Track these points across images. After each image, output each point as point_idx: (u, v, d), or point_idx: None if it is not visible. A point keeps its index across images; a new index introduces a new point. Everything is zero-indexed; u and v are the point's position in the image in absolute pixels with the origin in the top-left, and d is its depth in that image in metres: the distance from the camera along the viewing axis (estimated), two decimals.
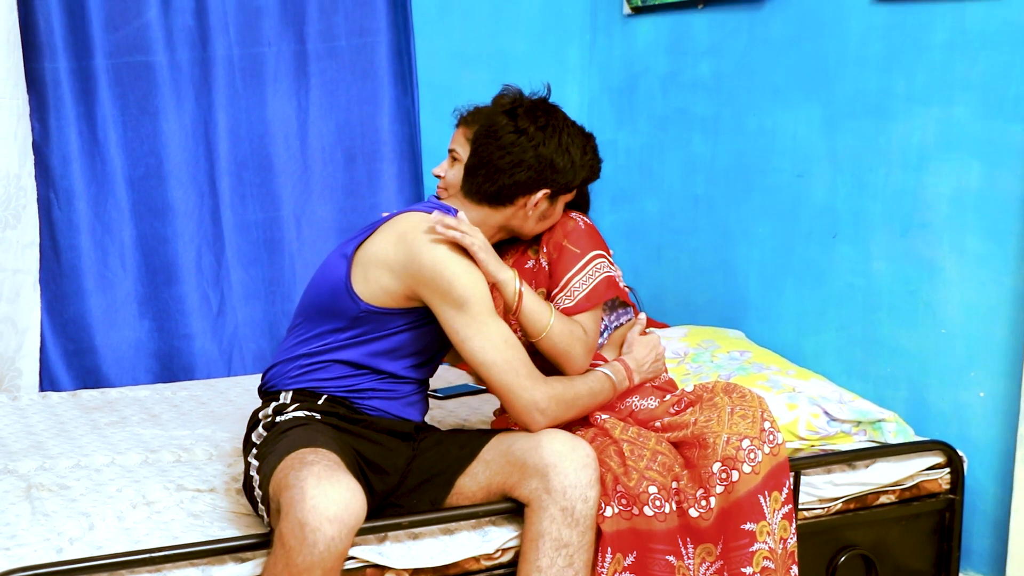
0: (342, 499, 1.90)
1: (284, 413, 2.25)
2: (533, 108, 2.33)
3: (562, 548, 2.15)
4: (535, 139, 2.29)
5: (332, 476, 1.94)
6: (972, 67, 2.71)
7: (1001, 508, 2.71)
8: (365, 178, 3.64)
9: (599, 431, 2.35)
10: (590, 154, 2.38)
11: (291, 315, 3.54)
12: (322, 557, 1.88)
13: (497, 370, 2.20)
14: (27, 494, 2.36)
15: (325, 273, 2.31)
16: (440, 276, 2.18)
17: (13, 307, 3.20)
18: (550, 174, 2.31)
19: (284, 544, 1.90)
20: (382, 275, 2.22)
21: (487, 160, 2.31)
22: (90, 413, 2.97)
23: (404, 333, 2.28)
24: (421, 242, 2.20)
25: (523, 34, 3.91)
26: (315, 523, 1.87)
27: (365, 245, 2.26)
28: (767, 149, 3.29)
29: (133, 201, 3.38)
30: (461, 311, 2.19)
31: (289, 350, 2.32)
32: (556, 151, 2.30)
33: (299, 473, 1.96)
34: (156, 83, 3.36)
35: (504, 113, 2.33)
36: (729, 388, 2.40)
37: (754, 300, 3.36)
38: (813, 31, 3.12)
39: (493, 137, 2.32)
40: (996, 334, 2.69)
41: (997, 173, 2.66)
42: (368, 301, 2.23)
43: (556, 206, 2.38)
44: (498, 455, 2.23)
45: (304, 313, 2.33)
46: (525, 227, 2.38)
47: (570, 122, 2.36)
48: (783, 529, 2.31)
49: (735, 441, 2.27)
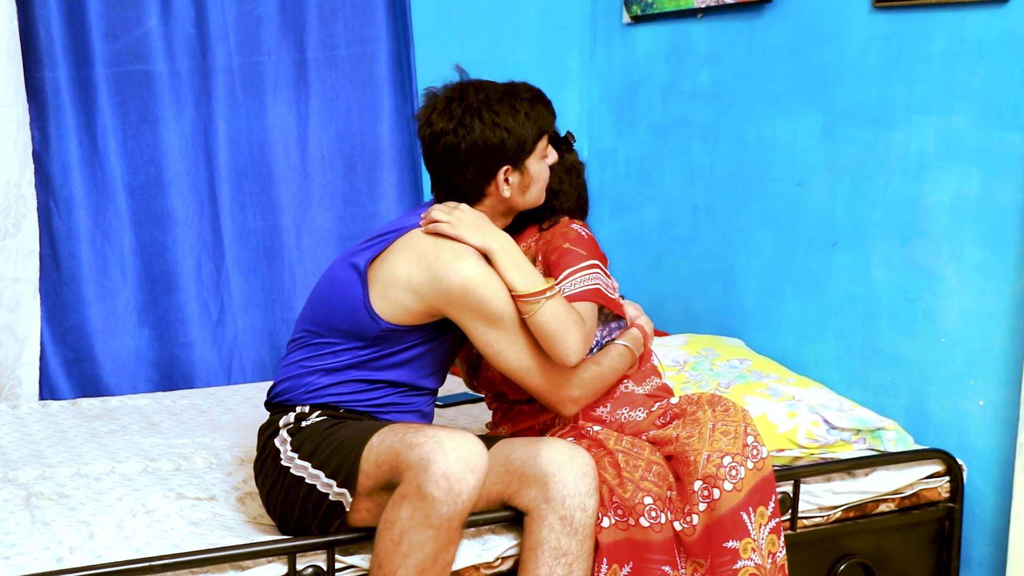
0: (477, 449, 2.03)
1: (307, 419, 2.25)
2: (446, 104, 2.29)
3: (561, 557, 2.15)
4: (458, 134, 2.26)
5: (458, 432, 2.05)
6: (971, 76, 2.71)
7: (1001, 516, 2.71)
8: (365, 186, 3.65)
9: (593, 442, 2.34)
10: (523, 108, 2.30)
11: (291, 323, 3.55)
12: (464, 507, 2.00)
13: (531, 375, 2.27)
14: (27, 503, 2.36)
15: (336, 288, 2.29)
16: (472, 296, 2.18)
17: (13, 316, 3.20)
18: (495, 153, 2.27)
19: (425, 497, 1.97)
20: (405, 296, 2.21)
21: (437, 172, 2.33)
22: (90, 422, 2.97)
23: (422, 345, 2.29)
24: (445, 262, 2.19)
25: (523, 43, 3.92)
26: (460, 473, 1.98)
27: (381, 263, 2.24)
28: (766, 157, 3.29)
29: (133, 209, 3.38)
30: (494, 327, 2.21)
31: (302, 364, 2.31)
32: (484, 132, 2.25)
33: (423, 431, 2.04)
34: (156, 92, 3.36)
35: (424, 125, 2.31)
36: (713, 400, 2.39)
37: (754, 308, 3.36)
38: (812, 40, 3.13)
39: (429, 152, 2.32)
40: (995, 342, 2.69)
41: (996, 182, 2.67)
42: (389, 320, 2.22)
43: (529, 169, 2.33)
44: (497, 464, 2.22)
45: (316, 326, 2.31)
46: (517, 204, 2.36)
47: (486, 96, 2.29)
48: (771, 543, 2.29)
49: (716, 459, 2.26)
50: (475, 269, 2.19)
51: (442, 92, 2.33)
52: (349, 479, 2.10)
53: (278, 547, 2.11)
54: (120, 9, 3.30)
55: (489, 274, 2.20)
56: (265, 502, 2.26)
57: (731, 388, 2.83)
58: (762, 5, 3.26)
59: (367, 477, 2.09)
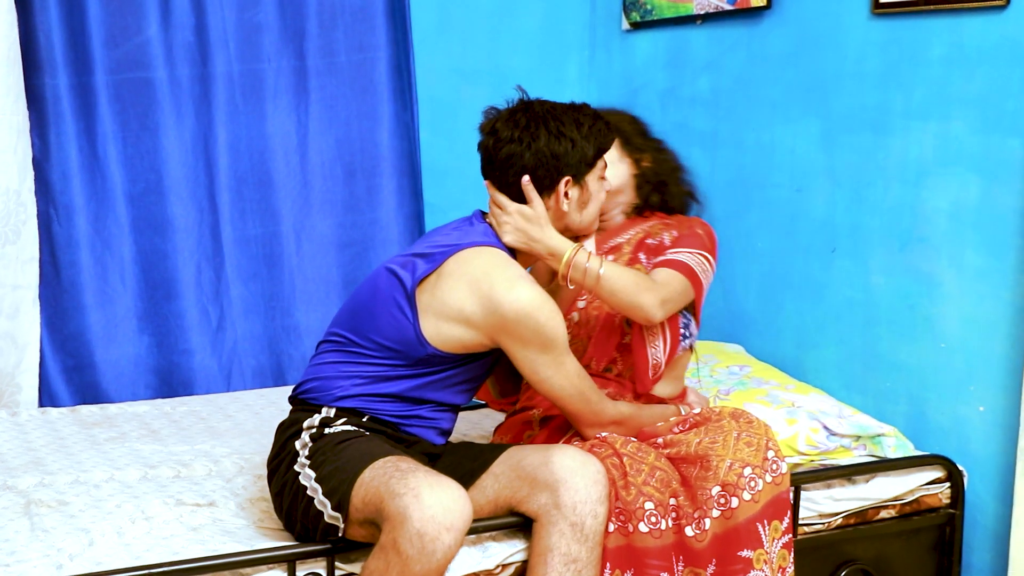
0: (456, 506, 1.97)
1: (331, 426, 2.25)
2: (511, 115, 2.31)
3: (571, 563, 2.14)
4: (524, 141, 2.27)
5: (441, 483, 2.00)
6: (970, 82, 2.71)
7: (1001, 522, 2.71)
8: (365, 193, 3.65)
9: (599, 441, 2.35)
10: (587, 123, 2.32)
11: (291, 330, 3.55)
12: (439, 564, 1.96)
13: (572, 401, 2.29)
14: (26, 510, 2.35)
15: (380, 300, 2.26)
16: (525, 324, 2.18)
17: (13, 323, 3.20)
18: (557, 163, 2.29)
19: (400, 553, 1.95)
20: (459, 329, 2.21)
21: (498, 183, 2.33)
22: (89, 429, 2.97)
23: (462, 366, 2.30)
24: (500, 292, 2.18)
25: (522, 50, 3.92)
26: (434, 533, 1.93)
27: (432, 287, 2.22)
28: (766, 164, 3.30)
29: (133, 217, 3.39)
30: (543, 353, 2.22)
31: (335, 367, 2.30)
32: (549, 141, 2.27)
33: (406, 480, 1.99)
34: (156, 99, 3.36)
35: (488, 134, 2.32)
36: (736, 414, 2.40)
37: (753, 314, 3.36)
38: (811, 46, 3.13)
39: (490, 159, 2.32)
40: (995, 348, 2.69)
41: (995, 188, 2.67)
42: (438, 347, 2.22)
43: (588, 186, 2.35)
44: (507, 469, 2.23)
45: (355, 334, 2.29)
46: (573, 221, 2.37)
47: (551, 107, 2.32)
48: (782, 558, 2.30)
49: (737, 468, 2.26)
50: (529, 296, 2.18)
51: (505, 107, 2.35)
52: (342, 505, 2.09)
53: (278, 554, 2.11)
54: (120, 16, 3.31)
55: (543, 301, 2.20)
56: (274, 501, 2.26)
57: (731, 395, 2.83)
58: (761, 12, 3.27)
59: (356, 510, 2.08)
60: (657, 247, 2.58)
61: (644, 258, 2.58)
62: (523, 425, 2.57)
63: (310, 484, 2.15)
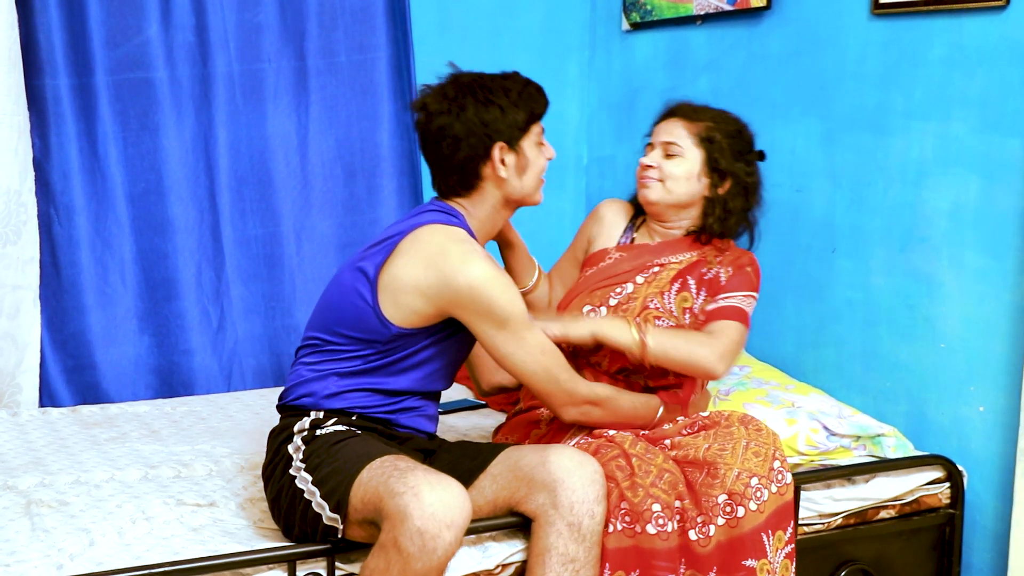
0: (456, 504, 1.97)
1: (322, 427, 2.26)
2: (439, 90, 2.32)
3: (568, 563, 2.15)
4: (452, 111, 2.27)
5: (441, 481, 2.00)
6: (970, 82, 2.71)
7: (1001, 522, 2.71)
8: (365, 193, 3.65)
9: (607, 441, 2.35)
10: (515, 88, 2.31)
11: (291, 330, 3.55)
12: (439, 561, 1.96)
13: (538, 379, 2.28)
14: (27, 510, 2.36)
15: (345, 294, 2.29)
16: (479, 298, 2.19)
17: (13, 323, 3.20)
18: (487, 130, 2.28)
19: (401, 551, 1.95)
20: (414, 300, 2.21)
21: (434, 157, 2.33)
22: (90, 429, 2.97)
23: (432, 347, 2.30)
24: (453, 264, 2.19)
25: (522, 50, 3.92)
26: (435, 530, 1.94)
27: (389, 268, 2.24)
28: (766, 164, 3.28)
29: (133, 217, 3.39)
30: (502, 329, 2.22)
31: (314, 368, 2.31)
32: (477, 109, 2.27)
33: (405, 479, 2.00)
34: (156, 99, 3.36)
35: (420, 110, 2.33)
36: (745, 420, 2.40)
37: (753, 315, 3.35)
38: (811, 47, 3.13)
39: (424, 135, 2.33)
40: (995, 348, 2.69)
41: (995, 188, 2.67)
42: (399, 324, 2.23)
43: (525, 151, 2.33)
44: (505, 469, 2.23)
45: (326, 332, 2.31)
46: (515, 188, 2.35)
47: (478, 76, 2.32)
48: (784, 568, 2.32)
49: (744, 477, 2.27)
50: (482, 270, 2.19)
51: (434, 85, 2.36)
52: (340, 506, 2.10)
53: (278, 554, 2.11)
54: (121, 17, 3.31)
55: (497, 275, 2.21)
56: (271, 507, 2.26)
57: (731, 395, 2.83)
58: (761, 12, 3.27)
59: (355, 510, 2.08)
60: (712, 283, 2.55)
61: (693, 284, 2.56)
62: (529, 424, 2.57)
63: (307, 487, 2.15)
